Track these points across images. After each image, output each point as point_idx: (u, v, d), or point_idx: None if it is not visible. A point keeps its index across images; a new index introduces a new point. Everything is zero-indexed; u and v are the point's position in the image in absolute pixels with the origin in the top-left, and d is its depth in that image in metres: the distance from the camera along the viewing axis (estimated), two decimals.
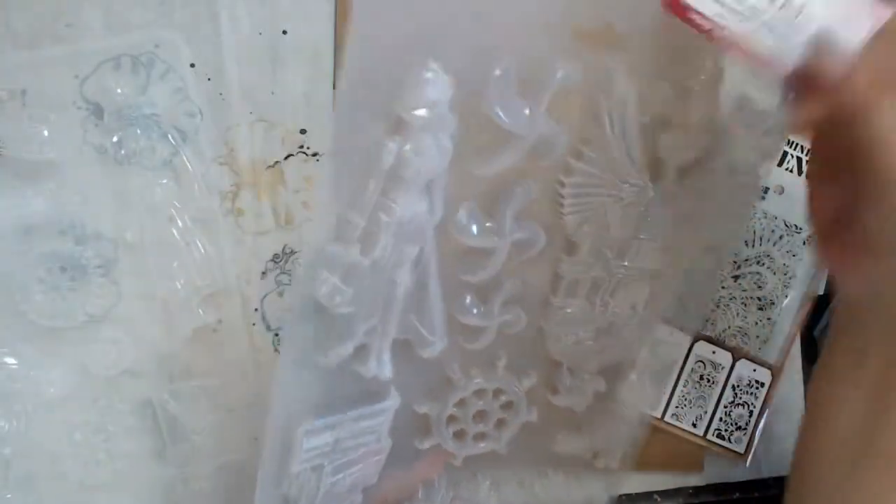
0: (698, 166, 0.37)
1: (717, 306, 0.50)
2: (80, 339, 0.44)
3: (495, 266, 0.36)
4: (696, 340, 0.50)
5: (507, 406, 0.42)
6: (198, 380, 0.46)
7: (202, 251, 0.45)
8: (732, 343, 0.50)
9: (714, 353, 0.50)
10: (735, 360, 0.50)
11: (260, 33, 0.45)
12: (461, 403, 0.41)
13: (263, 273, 0.47)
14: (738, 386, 0.50)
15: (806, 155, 0.50)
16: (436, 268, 0.35)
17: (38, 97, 0.42)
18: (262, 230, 0.47)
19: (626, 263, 0.39)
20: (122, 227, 0.44)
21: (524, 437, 0.43)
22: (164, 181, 0.45)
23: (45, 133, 0.42)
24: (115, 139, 0.44)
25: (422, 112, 0.29)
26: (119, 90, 0.43)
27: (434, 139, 0.31)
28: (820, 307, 0.51)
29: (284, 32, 0.45)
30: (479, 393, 0.41)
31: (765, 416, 0.51)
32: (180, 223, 0.45)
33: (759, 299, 0.50)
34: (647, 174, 0.37)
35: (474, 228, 0.35)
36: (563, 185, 0.36)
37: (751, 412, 0.51)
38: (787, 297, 0.51)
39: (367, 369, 0.35)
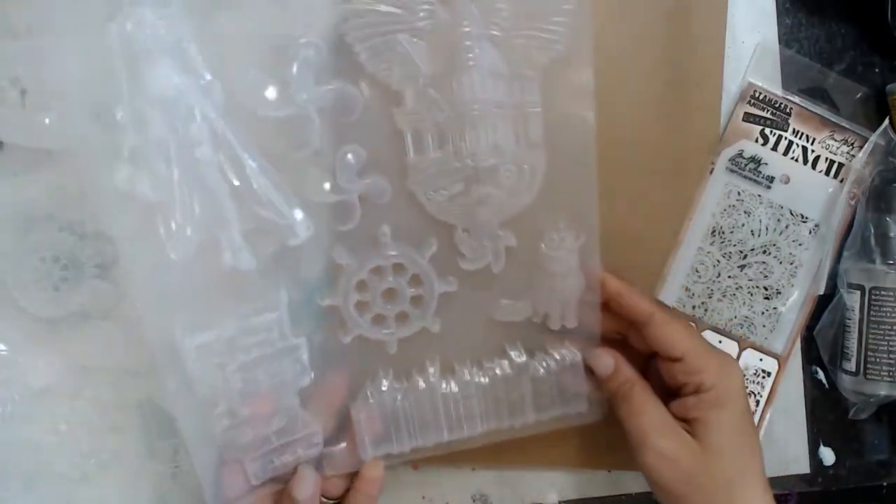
0: None
1: (724, 296, 0.50)
2: (70, 332, 0.45)
3: (311, 134, 0.36)
4: (701, 331, 0.50)
5: (416, 281, 0.40)
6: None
7: None
8: (738, 333, 0.50)
9: (720, 342, 0.50)
10: (741, 349, 0.50)
11: None
12: (362, 287, 0.40)
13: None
14: (744, 376, 0.50)
15: (811, 144, 0.49)
16: (248, 149, 0.35)
17: (39, 87, 0.43)
18: None
19: (458, 100, 0.37)
20: (121, 227, 0.44)
21: (456, 311, 0.41)
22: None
23: (46, 121, 0.43)
24: (115, 138, 0.44)
25: None
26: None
27: (153, 10, 0.31)
28: (820, 307, 0.51)
29: None
30: (377, 271, 0.40)
31: (772, 405, 0.51)
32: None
33: (766, 289, 0.50)
34: None
35: (263, 100, 0.35)
36: (346, 32, 0.35)
37: (757, 401, 0.50)
38: (793, 286, 0.50)
39: (223, 263, 0.35)
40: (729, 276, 0.50)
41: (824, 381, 0.52)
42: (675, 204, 0.49)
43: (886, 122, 0.50)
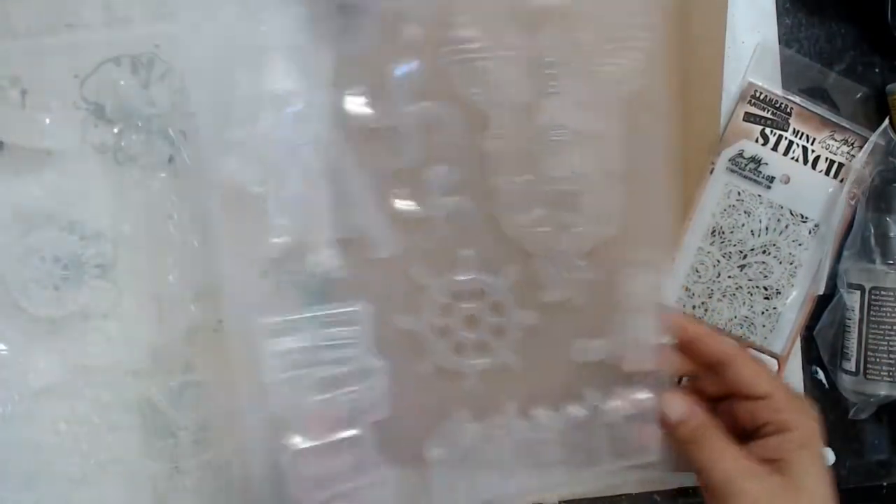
0: None
1: (724, 296, 0.50)
2: (70, 332, 0.45)
3: (407, 147, 0.36)
4: None
5: (497, 308, 0.39)
6: (187, 376, 0.46)
7: (199, 249, 0.45)
8: (738, 333, 0.50)
9: None
10: None
11: None
12: (445, 311, 0.39)
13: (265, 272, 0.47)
14: None
15: (812, 144, 0.49)
16: (349, 156, 0.36)
17: (39, 87, 0.43)
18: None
19: (540, 125, 0.38)
20: (121, 227, 0.45)
21: (533, 346, 0.40)
22: (164, 178, 0.45)
23: (47, 121, 0.43)
24: (115, 139, 0.44)
25: None
26: (119, 90, 0.44)
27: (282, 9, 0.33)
28: (820, 307, 0.51)
29: None
30: (458, 295, 0.39)
31: None
32: (179, 222, 0.45)
33: (765, 289, 0.50)
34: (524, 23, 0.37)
35: (367, 108, 0.36)
36: (445, 56, 0.36)
37: None
38: (793, 286, 0.50)
39: (313, 265, 0.35)
40: (729, 277, 0.50)
41: (824, 381, 0.52)
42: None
43: (886, 122, 0.50)
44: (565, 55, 0.38)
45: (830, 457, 0.52)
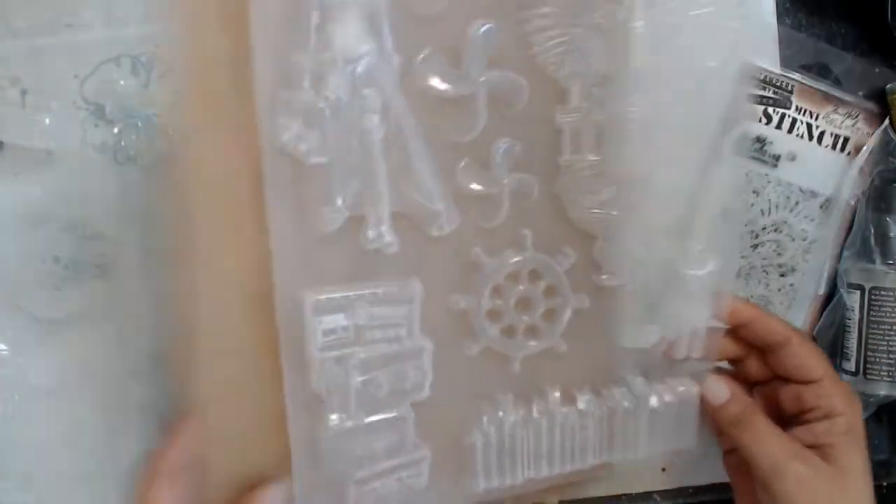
0: None
1: (738, 276, 0.50)
2: (70, 332, 0.44)
3: (477, 118, 0.34)
4: None
5: (550, 292, 0.38)
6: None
7: None
8: None
9: None
10: None
11: None
12: (498, 292, 0.37)
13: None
14: None
15: (815, 120, 0.49)
16: (413, 126, 0.33)
17: (39, 87, 0.43)
18: None
19: (620, 99, 0.35)
20: (121, 227, 0.45)
21: (582, 330, 0.39)
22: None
23: (47, 121, 0.43)
24: (115, 139, 0.44)
25: None
26: (119, 90, 0.44)
27: None
28: (820, 307, 0.51)
29: None
30: (514, 276, 0.37)
31: None
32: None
33: (780, 266, 0.50)
34: None
35: (438, 75, 0.33)
36: (525, 21, 0.34)
37: None
38: (807, 262, 0.50)
39: (365, 239, 0.33)
40: (742, 257, 0.50)
41: None
42: None
43: (886, 122, 0.50)
44: (655, 23, 0.35)
45: None
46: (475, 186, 0.35)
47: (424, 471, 0.37)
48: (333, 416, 0.34)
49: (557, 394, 0.39)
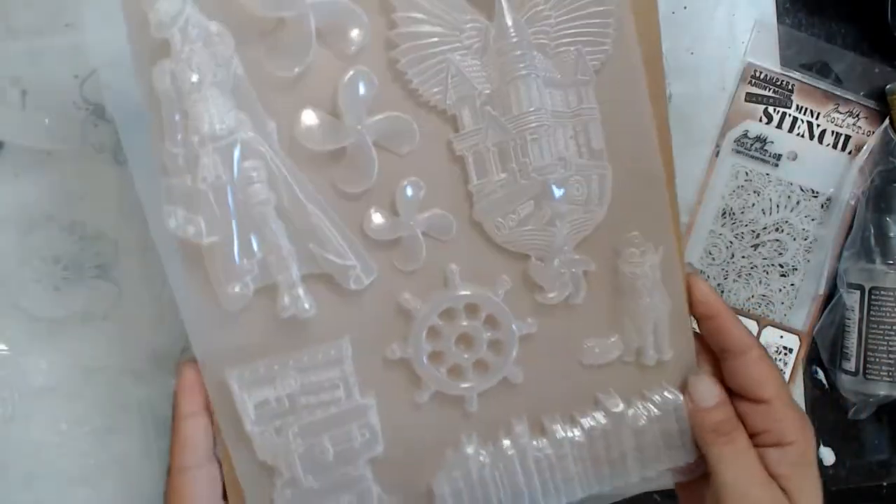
0: None
1: (739, 276, 0.50)
2: (70, 332, 0.45)
3: (369, 167, 0.34)
4: None
5: (492, 323, 0.37)
6: None
7: None
8: (757, 311, 0.50)
9: None
10: (761, 328, 0.50)
11: None
12: (435, 334, 0.36)
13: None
14: None
15: (816, 119, 0.49)
16: (306, 187, 0.33)
17: (39, 87, 0.43)
18: None
19: (516, 113, 0.35)
20: (122, 227, 0.45)
21: (537, 356, 0.37)
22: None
23: (47, 121, 0.43)
24: (115, 139, 0.44)
25: (165, 18, 0.30)
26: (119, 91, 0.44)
27: (203, 45, 0.31)
28: (820, 307, 0.51)
29: None
30: (449, 314, 0.36)
31: (797, 381, 0.50)
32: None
33: (781, 266, 0.50)
34: (481, 8, 0.34)
35: (317, 132, 0.33)
36: (396, 59, 0.33)
37: None
38: (809, 261, 0.50)
39: (281, 308, 0.33)
40: (743, 257, 0.50)
41: (824, 381, 0.52)
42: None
43: (886, 122, 0.50)
44: (529, 35, 0.35)
45: (830, 457, 0.52)
46: (386, 234, 0.35)
47: None
48: (285, 489, 0.35)
49: (523, 426, 0.38)
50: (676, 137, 0.44)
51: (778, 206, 0.50)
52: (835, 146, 0.50)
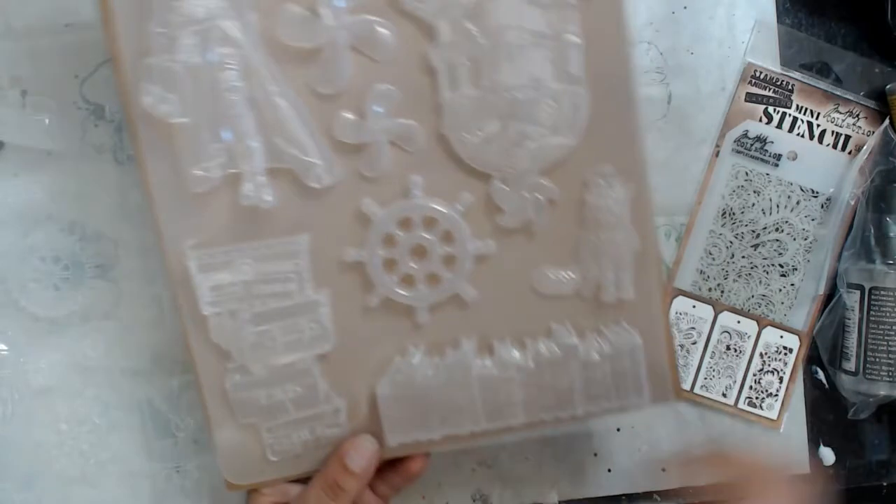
0: None
1: (739, 276, 0.50)
2: (70, 332, 0.45)
3: (342, 68, 0.34)
4: (719, 312, 0.50)
5: (448, 238, 0.37)
6: (186, 376, 0.46)
7: None
8: (757, 311, 0.50)
9: (738, 322, 0.50)
10: (761, 328, 0.50)
11: None
12: (390, 241, 0.36)
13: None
14: (765, 353, 0.50)
15: (816, 119, 0.49)
16: (279, 81, 0.34)
17: (39, 87, 0.43)
18: None
19: (493, 28, 0.34)
20: (122, 227, 0.45)
21: (493, 277, 0.37)
22: None
23: (47, 121, 0.43)
24: (115, 139, 0.44)
25: None
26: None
27: None
28: (820, 307, 0.51)
29: None
30: (406, 224, 0.36)
31: (797, 381, 0.50)
32: None
33: (781, 266, 0.50)
34: None
35: (295, 28, 0.33)
36: None
37: (781, 378, 0.50)
38: (809, 262, 0.50)
39: (243, 196, 0.34)
40: (743, 257, 0.50)
41: (824, 381, 0.52)
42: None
43: (886, 122, 0.50)
44: None
45: (830, 457, 0.52)
46: (352, 136, 0.35)
47: (343, 422, 0.38)
48: (234, 374, 0.36)
49: (471, 344, 0.38)
50: (677, 137, 0.44)
51: (778, 206, 0.50)
52: (835, 146, 0.50)
